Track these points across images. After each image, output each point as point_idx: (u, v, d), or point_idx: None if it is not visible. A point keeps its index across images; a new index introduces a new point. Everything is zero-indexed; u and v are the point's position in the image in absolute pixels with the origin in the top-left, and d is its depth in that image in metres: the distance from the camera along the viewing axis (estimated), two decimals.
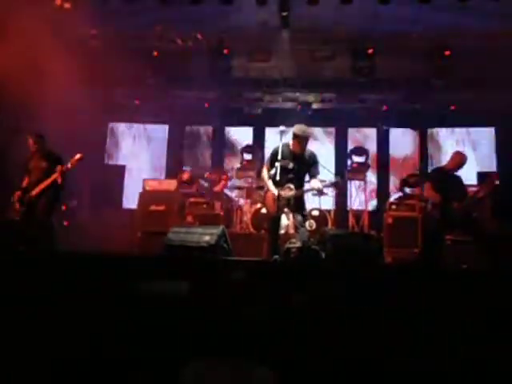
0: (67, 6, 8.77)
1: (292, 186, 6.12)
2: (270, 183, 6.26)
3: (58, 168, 6.81)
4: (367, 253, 5.83)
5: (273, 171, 6.19)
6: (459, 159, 6.83)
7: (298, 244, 6.04)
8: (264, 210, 8.87)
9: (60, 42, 7.92)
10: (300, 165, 6.19)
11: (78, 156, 6.89)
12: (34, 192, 6.83)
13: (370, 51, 9.79)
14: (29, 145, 7.06)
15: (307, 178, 6.28)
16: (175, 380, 2.63)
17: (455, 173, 6.82)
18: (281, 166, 6.04)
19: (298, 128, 6.17)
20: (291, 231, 7.06)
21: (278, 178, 6.00)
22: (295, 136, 6.14)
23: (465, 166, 6.82)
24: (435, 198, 6.61)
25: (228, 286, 3.84)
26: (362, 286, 4.12)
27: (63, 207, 9.00)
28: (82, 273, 4.78)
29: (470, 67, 9.16)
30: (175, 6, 8.74)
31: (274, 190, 6.11)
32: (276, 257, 6.07)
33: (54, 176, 6.80)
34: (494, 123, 11.07)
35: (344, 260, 5.58)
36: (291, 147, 6.23)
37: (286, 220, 6.53)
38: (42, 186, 6.82)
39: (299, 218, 6.17)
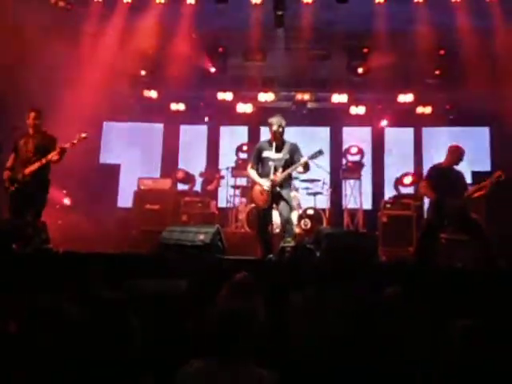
0: (62, 4, 8.75)
1: (280, 171, 6.37)
2: (256, 176, 6.54)
3: (58, 147, 6.49)
4: (362, 251, 5.83)
5: (259, 170, 6.56)
6: (456, 152, 6.77)
7: (293, 243, 6.05)
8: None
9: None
10: (283, 154, 6.45)
11: (82, 135, 6.60)
12: (27, 170, 6.51)
13: (366, 50, 9.80)
14: (28, 119, 6.66)
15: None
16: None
17: (455, 167, 6.75)
18: (266, 158, 6.44)
19: (272, 119, 6.53)
20: (277, 231, 7.11)
21: (264, 170, 6.44)
22: (271, 126, 6.47)
23: (461, 164, 6.78)
24: (431, 196, 6.59)
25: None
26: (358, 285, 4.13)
27: (57, 206, 8.97)
28: (76, 271, 4.78)
29: (465, 66, 9.18)
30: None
31: (263, 181, 6.42)
32: (270, 256, 6.09)
33: (53, 154, 6.50)
34: (489, 123, 11.11)
35: (339, 259, 5.58)
36: (271, 139, 6.53)
37: (278, 218, 6.53)
38: (37, 164, 6.50)
39: (285, 207, 6.28)
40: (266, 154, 6.48)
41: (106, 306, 2.86)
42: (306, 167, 6.42)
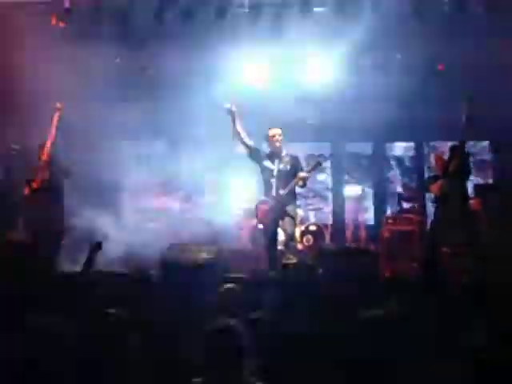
0: (62, 25, 8.80)
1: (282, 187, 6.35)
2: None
3: None
4: (363, 268, 5.79)
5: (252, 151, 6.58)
6: (437, 161, 6.93)
7: (295, 260, 6.03)
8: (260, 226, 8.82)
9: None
10: (283, 166, 6.43)
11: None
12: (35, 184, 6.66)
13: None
14: (43, 154, 6.82)
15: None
16: None
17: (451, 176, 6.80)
18: (266, 169, 6.42)
19: (270, 130, 6.53)
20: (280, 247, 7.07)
21: (265, 183, 6.47)
22: (268, 137, 6.51)
23: None
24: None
25: None
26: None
27: None
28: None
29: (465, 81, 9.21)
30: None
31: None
32: (273, 273, 6.06)
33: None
34: (489, 137, 11.06)
35: (341, 276, 5.54)
36: (270, 151, 6.53)
37: (282, 235, 6.51)
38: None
39: (290, 223, 6.32)
40: (265, 163, 6.46)
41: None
42: (304, 183, 6.39)
